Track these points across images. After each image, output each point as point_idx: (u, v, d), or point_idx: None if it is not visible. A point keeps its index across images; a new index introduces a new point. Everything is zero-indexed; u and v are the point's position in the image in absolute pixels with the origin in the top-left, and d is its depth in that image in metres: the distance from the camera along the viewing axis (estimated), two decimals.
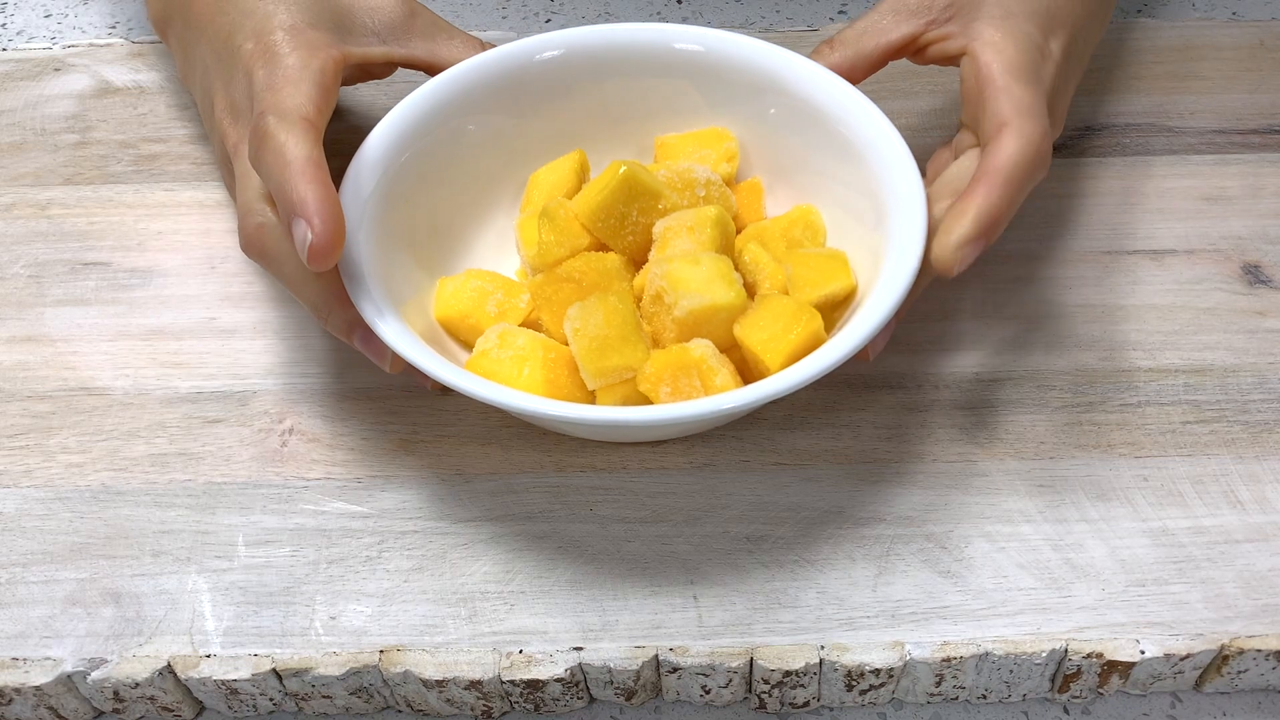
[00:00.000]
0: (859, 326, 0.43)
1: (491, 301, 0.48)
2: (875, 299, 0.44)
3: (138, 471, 0.49)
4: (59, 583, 0.46)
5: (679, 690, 0.45)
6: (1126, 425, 0.49)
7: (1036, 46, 0.48)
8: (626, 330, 0.45)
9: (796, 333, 0.44)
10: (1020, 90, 0.46)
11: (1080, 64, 0.52)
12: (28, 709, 0.45)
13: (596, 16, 0.72)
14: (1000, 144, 0.45)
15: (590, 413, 0.42)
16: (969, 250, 0.43)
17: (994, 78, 0.46)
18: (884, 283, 0.44)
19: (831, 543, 0.46)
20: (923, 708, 0.45)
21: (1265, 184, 0.58)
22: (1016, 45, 0.47)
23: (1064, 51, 0.49)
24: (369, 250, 0.46)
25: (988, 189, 0.44)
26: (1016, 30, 0.47)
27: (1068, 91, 0.51)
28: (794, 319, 0.44)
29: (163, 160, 0.60)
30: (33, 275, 0.56)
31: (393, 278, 0.47)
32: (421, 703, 0.45)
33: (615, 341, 0.44)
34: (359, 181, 0.47)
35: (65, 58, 0.66)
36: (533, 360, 0.45)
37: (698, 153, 0.52)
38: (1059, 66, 0.48)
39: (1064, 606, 0.44)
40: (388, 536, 0.47)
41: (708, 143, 0.53)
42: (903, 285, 0.43)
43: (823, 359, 0.42)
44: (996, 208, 0.44)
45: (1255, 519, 0.46)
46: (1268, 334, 0.52)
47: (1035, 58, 0.47)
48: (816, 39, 0.54)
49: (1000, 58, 0.47)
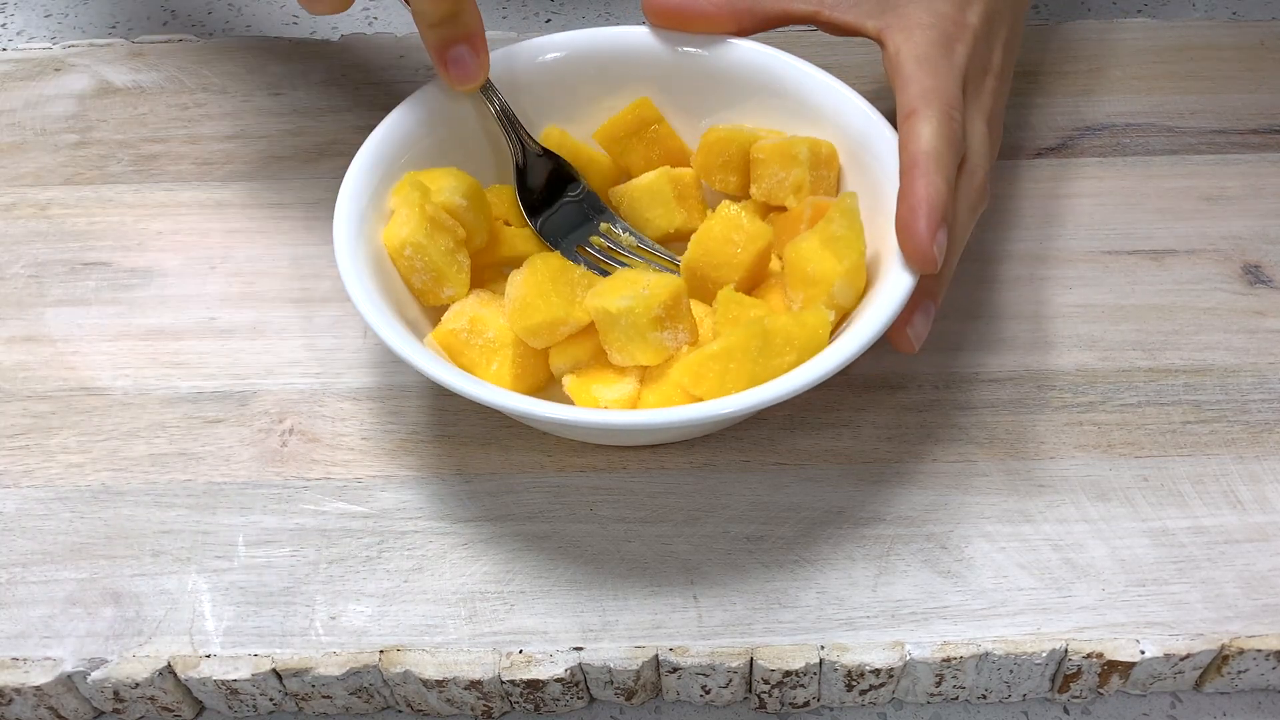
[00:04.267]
0: (875, 316, 0.43)
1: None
2: (888, 288, 0.44)
3: (138, 471, 0.49)
4: (59, 583, 0.46)
5: (679, 690, 0.45)
6: (1126, 425, 0.49)
7: (950, 21, 0.48)
8: (545, 288, 0.46)
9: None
10: (924, 76, 0.46)
11: (1009, 18, 0.52)
12: (28, 709, 0.45)
13: (597, 18, 0.72)
14: (912, 133, 0.45)
15: (587, 416, 0.42)
16: (940, 237, 0.44)
17: (901, 66, 0.47)
18: (894, 272, 0.44)
19: (831, 543, 0.46)
20: (923, 708, 0.45)
21: (1265, 184, 0.58)
22: (924, 29, 0.48)
23: (984, 16, 0.49)
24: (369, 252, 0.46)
25: (913, 179, 0.44)
26: (925, 13, 0.48)
27: (995, 49, 0.51)
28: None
29: (163, 160, 0.60)
30: (33, 275, 0.56)
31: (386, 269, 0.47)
32: (421, 703, 0.45)
33: (534, 300, 0.45)
34: (358, 185, 0.47)
35: (65, 58, 0.66)
36: (503, 356, 0.46)
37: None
38: (978, 33, 0.49)
39: (1064, 606, 0.44)
40: (388, 536, 0.47)
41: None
42: (907, 284, 0.44)
43: (825, 361, 0.42)
44: (938, 191, 0.44)
45: (1255, 519, 0.46)
46: (1268, 334, 0.52)
47: (947, 34, 0.48)
48: (816, 39, 0.54)
49: (907, 44, 0.47)
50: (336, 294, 0.54)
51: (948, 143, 0.45)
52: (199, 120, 0.62)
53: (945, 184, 0.44)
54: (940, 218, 0.44)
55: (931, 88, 0.46)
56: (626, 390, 0.46)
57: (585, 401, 0.46)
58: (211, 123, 0.62)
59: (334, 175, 0.47)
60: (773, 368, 0.43)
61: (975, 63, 0.48)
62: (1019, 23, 0.53)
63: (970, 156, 0.47)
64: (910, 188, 0.44)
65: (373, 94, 0.63)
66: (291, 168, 0.60)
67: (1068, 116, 0.61)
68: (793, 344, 0.43)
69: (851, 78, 0.51)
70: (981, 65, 0.49)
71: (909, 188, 0.44)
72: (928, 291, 0.46)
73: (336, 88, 0.63)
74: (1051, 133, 0.60)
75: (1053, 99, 0.62)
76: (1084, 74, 0.63)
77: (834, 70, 0.51)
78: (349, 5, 0.48)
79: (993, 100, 0.49)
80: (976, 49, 0.49)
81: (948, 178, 0.45)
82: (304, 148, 0.61)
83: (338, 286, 0.45)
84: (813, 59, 0.51)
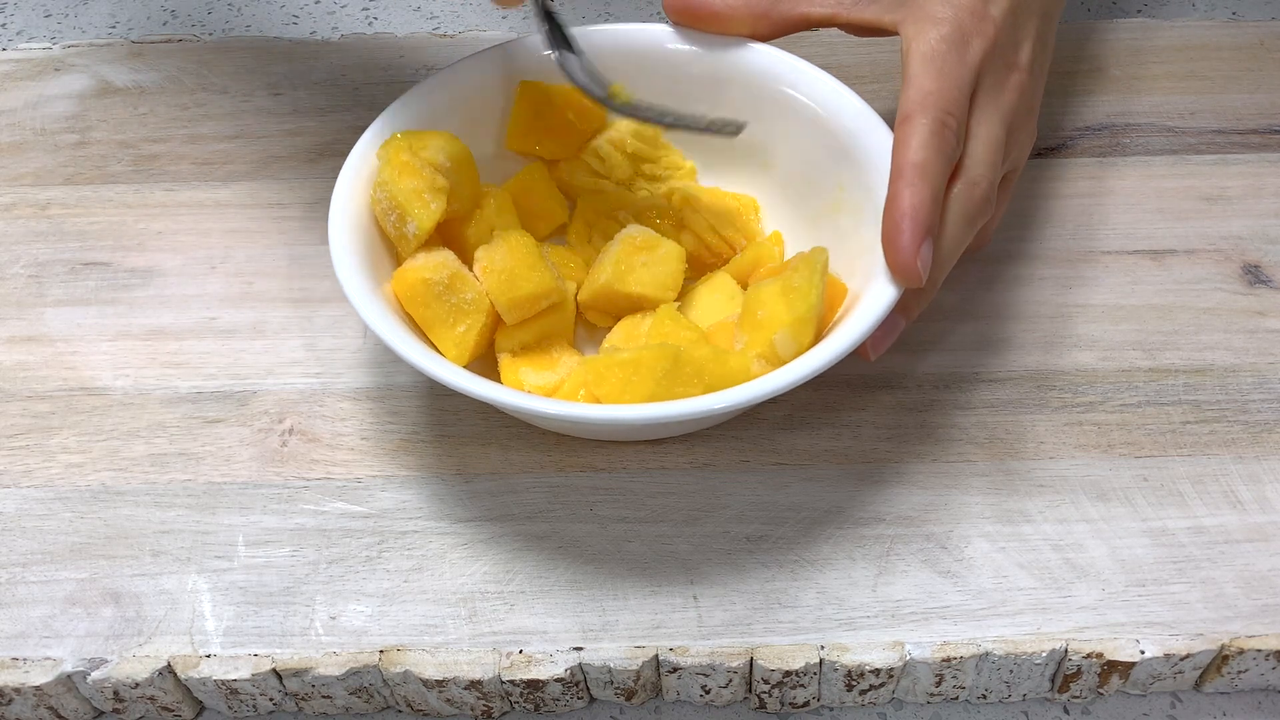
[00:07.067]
0: (855, 324, 0.43)
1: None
2: (871, 297, 0.44)
3: (138, 471, 0.49)
4: (59, 583, 0.46)
5: (679, 690, 0.45)
6: (1126, 425, 0.49)
7: (969, 14, 0.46)
8: (531, 261, 0.47)
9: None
10: (926, 78, 0.45)
11: (1039, 9, 0.50)
12: (28, 709, 0.45)
13: (597, 16, 0.72)
14: (902, 141, 0.44)
15: (579, 410, 0.42)
16: (924, 252, 0.43)
17: (906, 65, 0.46)
18: (879, 281, 0.44)
19: (831, 543, 0.46)
20: (923, 708, 0.45)
21: (1265, 184, 0.58)
22: (938, 24, 0.46)
23: (1008, 9, 0.47)
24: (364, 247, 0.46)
25: (899, 190, 0.43)
26: (943, 6, 0.47)
27: (1022, 44, 0.49)
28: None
29: (163, 160, 0.60)
30: (33, 275, 0.56)
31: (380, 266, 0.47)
32: (421, 703, 0.45)
33: (523, 271, 0.46)
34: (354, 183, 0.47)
35: (65, 58, 0.66)
36: (473, 321, 0.46)
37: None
38: (1000, 26, 0.47)
39: (1064, 606, 0.44)
40: (388, 536, 0.47)
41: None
42: (890, 296, 0.43)
43: (820, 356, 0.42)
44: (923, 203, 0.43)
45: (1255, 519, 0.46)
46: (1268, 334, 0.52)
47: (963, 29, 0.46)
48: (815, 39, 0.54)
49: (918, 40, 0.46)
50: (336, 294, 0.54)
51: (937, 152, 0.44)
52: (199, 120, 0.62)
53: (932, 196, 0.43)
54: (925, 231, 0.43)
55: (931, 91, 0.45)
56: (551, 379, 0.47)
57: (511, 382, 0.47)
58: (211, 123, 0.62)
59: (334, 175, 0.47)
60: (676, 393, 0.43)
61: (995, 59, 0.47)
62: (1053, 13, 0.51)
63: (971, 166, 0.45)
64: (895, 199, 0.43)
65: (373, 94, 0.63)
66: (291, 168, 0.60)
67: (1068, 116, 0.61)
68: (702, 377, 0.43)
69: (851, 77, 0.51)
70: (1004, 62, 0.47)
71: (894, 199, 0.43)
72: (902, 306, 0.45)
73: (336, 88, 0.63)
74: (1051, 133, 0.60)
75: (1052, 99, 0.62)
76: (1084, 74, 0.63)
77: (834, 70, 0.51)
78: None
79: (1018, 98, 0.47)
80: (997, 44, 0.47)
81: (935, 189, 0.43)
82: (304, 148, 0.61)
83: (337, 286, 0.45)
84: (813, 59, 0.51)
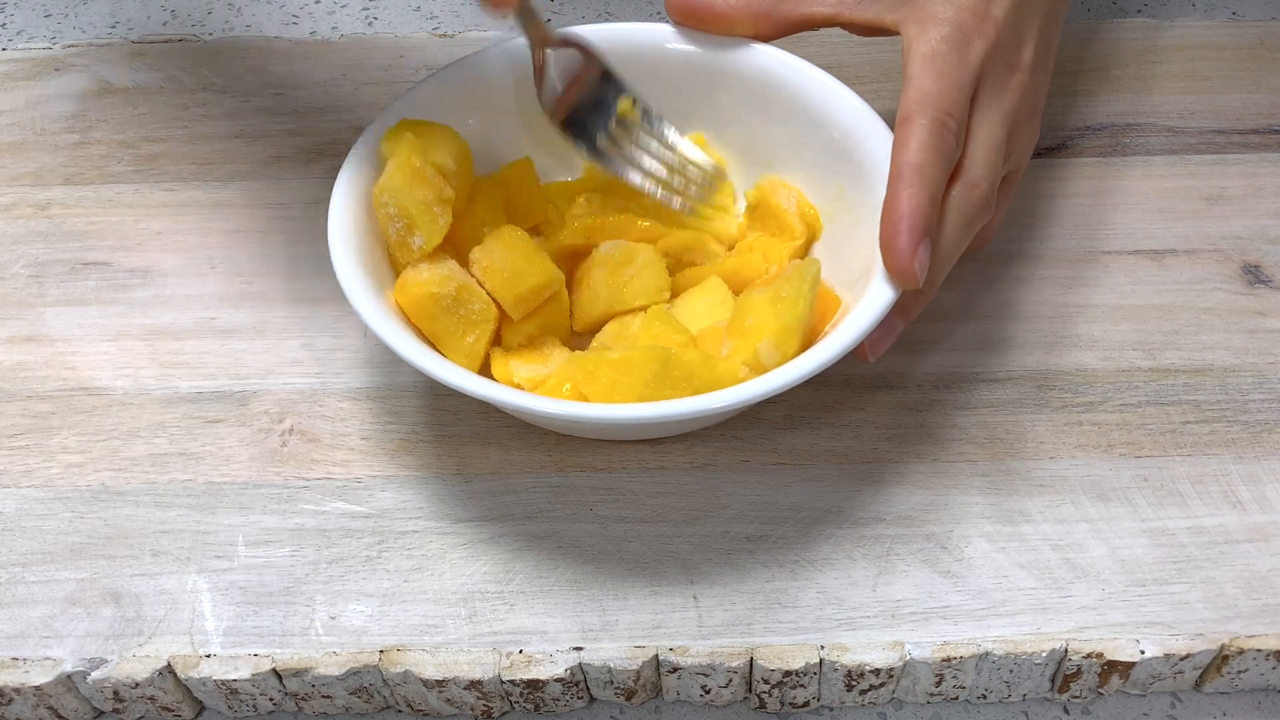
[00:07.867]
0: (852, 325, 0.43)
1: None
2: (869, 298, 0.44)
3: (138, 471, 0.49)
4: (59, 583, 0.46)
5: (679, 690, 0.45)
6: (1126, 425, 0.49)
7: (971, 14, 0.46)
8: (529, 253, 0.48)
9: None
10: (926, 78, 0.45)
11: (1044, 8, 0.50)
12: (28, 709, 0.45)
13: (597, 16, 0.72)
14: (901, 142, 0.44)
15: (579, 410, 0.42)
16: (921, 254, 0.43)
17: (907, 65, 0.46)
18: (878, 283, 0.44)
19: (831, 543, 0.46)
20: (923, 708, 0.45)
21: (1265, 184, 0.58)
22: (939, 24, 0.46)
23: (1011, 8, 0.47)
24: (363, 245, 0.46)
25: (896, 191, 0.43)
26: (945, 5, 0.47)
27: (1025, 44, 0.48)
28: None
29: (163, 160, 0.60)
30: (33, 275, 0.56)
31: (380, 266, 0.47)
32: (421, 703, 0.45)
33: (524, 265, 0.47)
34: (354, 180, 0.47)
35: (65, 58, 0.66)
36: (482, 331, 0.47)
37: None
38: (1002, 27, 0.47)
39: (1064, 606, 0.44)
40: (388, 536, 0.47)
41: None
42: (887, 298, 0.43)
43: (816, 357, 0.42)
44: (920, 205, 0.43)
45: (1255, 519, 0.46)
46: (1268, 334, 0.52)
47: (964, 29, 0.46)
48: (817, 39, 0.54)
49: (919, 40, 0.46)
50: (336, 294, 0.54)
51: (936, 153, 0.44)
52: (199, 120, 0.62)
53: (930, 198, 0.43)
54: (922, 233, 0.43)
55: (930, 92, 0.45)
56: (541, 372, 0.47)
57: (502, 375, 0.47)
58: (211, 123, 0.62)
59: (334, 175, 0.47)
60: (664, 394, 0.43)
61: (997, 60, 0.47)
62: (1058, 13, 0.51)
63: (971, 167, 0.45)
64: (893, 201, 0.43)
65: (373, 94, 0.63)
66: (291, 168, 0.60)
67: (1068, 116, 0.61)
68: (691, 381, 0.43)
69: (852, 77, 0.51)
70: (1006, 62, 0.47)
71: (892, 201, 0.43)
72: (900, 307, 0.45)
73: (336, 88, 0.63)
74: (1051, 133, 0.60)
75: (1053, 99, 0.61)
76: (1084, 74, 0.63)
77: (834, 70, 0.51)
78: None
79: (1019, 98, 0.47)
80: (999, 44, 0.47)
81: (933, 191, 0.43)
82: (304, 148, 0.61)
83: (337, 287, 0.45)
84: (814, 59, 0.51)
